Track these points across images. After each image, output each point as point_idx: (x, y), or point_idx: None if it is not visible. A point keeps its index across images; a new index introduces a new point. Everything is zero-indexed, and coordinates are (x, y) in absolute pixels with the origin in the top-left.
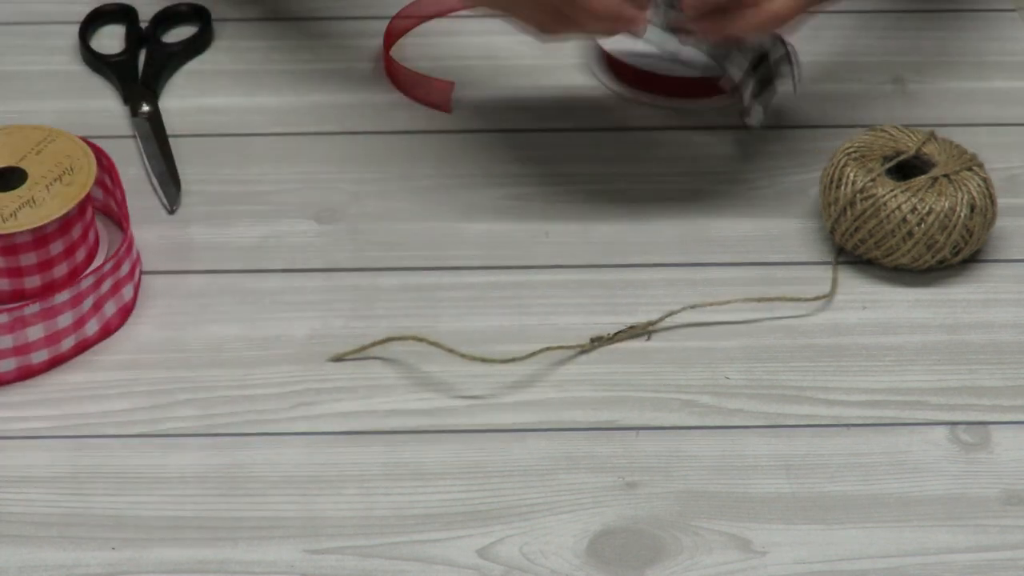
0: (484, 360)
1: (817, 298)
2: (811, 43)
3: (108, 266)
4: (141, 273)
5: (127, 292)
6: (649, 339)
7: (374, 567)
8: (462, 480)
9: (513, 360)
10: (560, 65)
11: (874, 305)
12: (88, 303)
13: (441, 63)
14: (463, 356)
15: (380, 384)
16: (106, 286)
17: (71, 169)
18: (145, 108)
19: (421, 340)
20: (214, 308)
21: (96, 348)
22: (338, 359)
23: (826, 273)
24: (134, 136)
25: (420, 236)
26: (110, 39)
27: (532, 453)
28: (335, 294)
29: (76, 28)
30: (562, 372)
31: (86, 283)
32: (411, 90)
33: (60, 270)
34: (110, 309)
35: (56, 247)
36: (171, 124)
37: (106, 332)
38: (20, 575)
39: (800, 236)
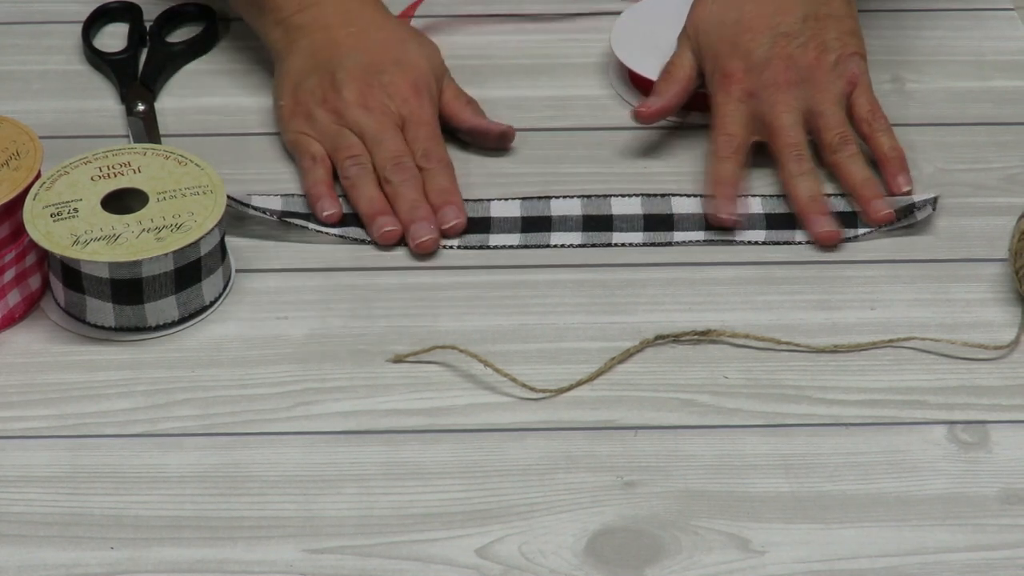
0: (526, 386)
1: (999, 347)
2: None
3: (9, 256)
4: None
5: (33, 282)
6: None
7: (373, 567)
8: (461, 479)
9: (559, 391)
10: (560, 65)
11: (873, 304)
12: None
13: None
14: (517, 382)
15: (379, 384)
16: (9, 275)
17: (17, 154)
18: (140, 107)
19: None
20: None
21: (95, 348)
22: (399, 360)
23: (830, 272)
24: (127, 135)
25: None
26: (112, 38)
27: (531, 452)
28: (334, 294)
29: (74, 28)
30: (560, 371)
31: None
32: None
33: (8, 253)
34: (14, 298)
35: (3, 230)
36: (169, 124)
37: (9, 320)
38: (20, 575)
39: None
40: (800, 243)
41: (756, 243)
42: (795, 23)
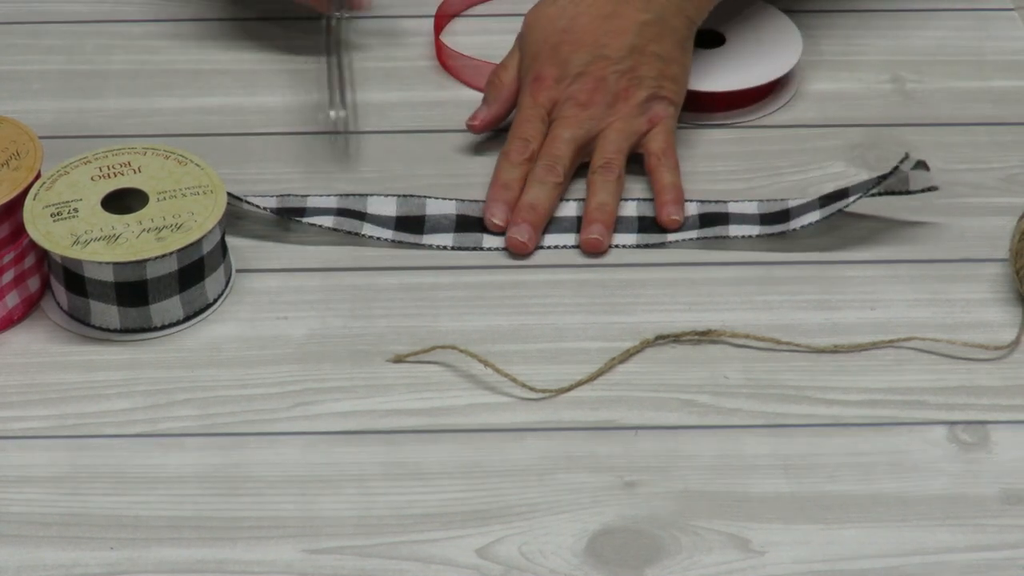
0: (526, 386)
1: (999, 347)
2: (810, 43)
3: (9, 257)
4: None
5: (32, 284)
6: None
7: (373, 567)
8: (461, 480)
9: (558, 391)
10: None
11: (874, 304)
12: None
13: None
14: (518, 382)
15: (379, 384)
16: (8, 277)
17: (17, 154)
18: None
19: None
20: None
21: (95, 348)
22: (399, 360)
23: (830, 272)
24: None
25: None
26: None
27: (531, 453)
28: (334, 294)
29: (74, 28)
30: (560, 371)
31: None
32: (463, 76)
33: (7, 254)
34: (12, 300)
35: (2, 230)
36: (169, 124)
37: (8, 322)
38: (20, 575)
39: (797, 234)
40: (795, 230)
41: (750, 237)
42: (620, 49)
